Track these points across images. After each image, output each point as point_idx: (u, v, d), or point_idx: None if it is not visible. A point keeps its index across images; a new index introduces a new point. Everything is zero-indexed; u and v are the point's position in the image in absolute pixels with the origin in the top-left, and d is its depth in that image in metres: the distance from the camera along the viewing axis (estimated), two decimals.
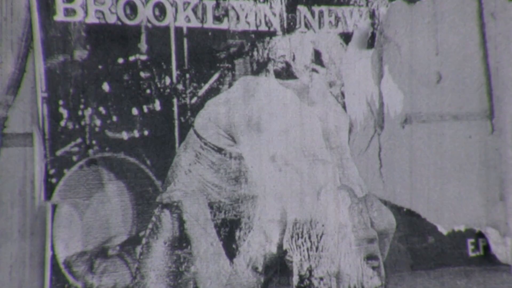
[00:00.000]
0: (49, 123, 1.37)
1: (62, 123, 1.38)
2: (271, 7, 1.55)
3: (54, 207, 1.37)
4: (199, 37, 1.49)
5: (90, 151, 1.40)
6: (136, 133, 1.44)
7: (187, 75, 1.48)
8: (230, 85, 1.52)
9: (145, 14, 1.45)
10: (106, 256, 1.41)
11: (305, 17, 1.58)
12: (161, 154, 1.46)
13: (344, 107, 1.61)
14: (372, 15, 1.64)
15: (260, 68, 1.54)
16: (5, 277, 1.35)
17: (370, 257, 1.59)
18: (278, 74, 1.56)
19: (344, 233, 1.58)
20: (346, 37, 1.62)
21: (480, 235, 1.72)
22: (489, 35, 1.74)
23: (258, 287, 1.52)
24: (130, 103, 1.43)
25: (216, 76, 1.51)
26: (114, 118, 1.42)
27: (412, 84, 1.67)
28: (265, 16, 1.54)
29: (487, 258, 1.73)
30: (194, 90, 1.49)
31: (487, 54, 1.73)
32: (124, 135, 1.43)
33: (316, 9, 1.59)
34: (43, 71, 1.37)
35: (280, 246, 1.54)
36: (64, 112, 1.38)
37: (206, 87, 1.50)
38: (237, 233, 1.51)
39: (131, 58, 1.43)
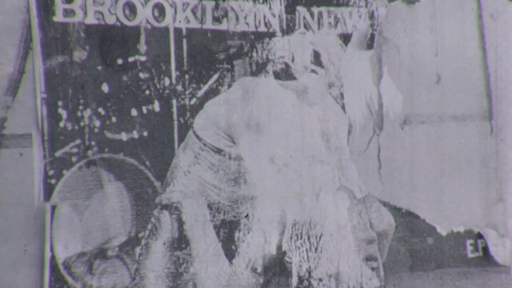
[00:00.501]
0: (48, 124, 1.37)
1: (61, 124, 1.38)
2: (270, 8, 1.55)
3: (53, 208, 1.37)
4: (198, 38, 1.49)
5: (89, 152, 1.40)
6: (135, 134, 1.44)
7: (186, 76, 1.48)
8: (229, 86, 1.52)
9: (144, 15, 1.44)
10: (106, 257, 1.41)
11: (304, 18, 1.58)
12: (160, 155, 1.45)
13: (343, 108, 1.61)
14: (372, 16, 1.64)
15: (259, 69, 1.54)
16: (4, 278, 1.34)
17: (369, 258, 1.59)
18: (277, 75, 1.56)
19: (343, 234, 1.58)
20: (346, 38, 1.62)
21: (479, 236, 1.72)
22: (489, 36, 1.74)
23: None
24: (129, 104, 1.43)
25: (215, 77, 1.51)
26: (113, 119, 1.42)
27: (411, 85, 1.67)
28: (264, 17, 1.54)
29: (486, 259, 1.73)
30: (193, 91, 1.49)
31: (486, 55, 1.73)
32: (123, 136, 1.43)
33: (315, 10, 1.59)
34: (42, 72, 1.36)
35: (279, 247, 1.54)
36: (63, 113, 1.38)
37: (205, 88, 1.50)
38: (236, 234, 1.51)
39: (130, 59, 1.43)
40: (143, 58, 1.44)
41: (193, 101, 1.49)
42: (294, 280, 1.54)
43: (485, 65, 1.74)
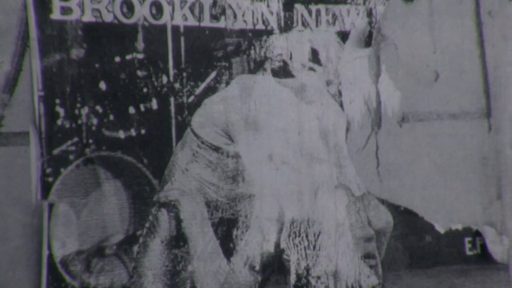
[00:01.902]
0: (45, 122, 1.37)
1: (59, 122, 1.38)
2: (268, 6, 1.55)
3: (51, 206, 1.37)
4: (196, 36, 1.49)
5: (87, 150, 1.40)
6: (133, 132, 1.43)
7: (184, 74, 1.48)
8: (227, 83, 1.51)
9: (142, 12, 1.44)
10: (103, 255, 1.41)
11: (302, 15, 1.58)
12: (158, 153, 1.45)
13: (341, 105, 1.61)
14: (370, 13, 1.63)
15: (257, 66, 1.54)
16: (2, 276, 1.34)
17: (367, 256, 1.59)
18: (275, 73, 1.55)
19: (342, 232, 1.58)
20: (344, 36, 1.62)
21: (477, 233, 1.72)
22: (487, 34, 1.74)
23: (255, 286, 1.52)
24: (127, 102, 1.43)
25: (213, 74, 1.50)
26: (111, 117, 1.42)
27: (409, 82, 1.67)
28: (262, 14, 1.54)
29: (484, 257, 1.73)
30: (191, 88, 1.49)
31: (484, 52, 1.73)
32: (121, 134, 1.42)
33: (313, 7, 1.59)
34: (39, 70, 1.36)
35: (277, 245, 1.54)
36: (60, 111, 1.38)
37: (203, 85, 1.50)
38: (234, 232, 1.51)
39: (128, 57, 1.43)
40: (140, 56, 1.44)
41: (191, 99, 1.49)
42: (292, 278, 1.54)
43: (483, 63, 1.74)
